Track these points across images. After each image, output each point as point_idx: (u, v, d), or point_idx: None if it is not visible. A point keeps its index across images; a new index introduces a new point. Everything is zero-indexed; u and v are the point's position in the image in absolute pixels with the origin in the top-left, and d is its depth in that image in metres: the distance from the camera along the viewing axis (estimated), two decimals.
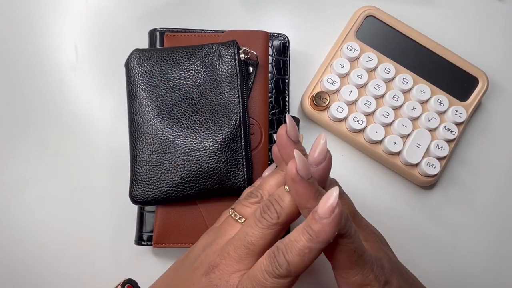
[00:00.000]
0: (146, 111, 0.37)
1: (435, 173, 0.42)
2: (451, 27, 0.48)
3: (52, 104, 0.44)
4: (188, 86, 0.37)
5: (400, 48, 0.45)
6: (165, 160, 0.36)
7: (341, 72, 0.43)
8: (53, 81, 0.45)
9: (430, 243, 0.44)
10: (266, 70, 0.40)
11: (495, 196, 0.45)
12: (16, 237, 0.42)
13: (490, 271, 0.44)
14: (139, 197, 0.36)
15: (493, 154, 0.46)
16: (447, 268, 0.44)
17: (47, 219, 0.42)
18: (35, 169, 0.43)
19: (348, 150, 0.45)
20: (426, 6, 0.49)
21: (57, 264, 0.42)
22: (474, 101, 0.44)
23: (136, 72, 0.38)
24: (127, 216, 0.41)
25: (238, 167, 0.36)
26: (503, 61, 0.48)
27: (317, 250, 0.25)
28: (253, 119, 0.39)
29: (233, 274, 0.27)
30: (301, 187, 0.26)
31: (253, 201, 0.30)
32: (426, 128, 0.43)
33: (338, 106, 0.43)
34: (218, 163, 0.36)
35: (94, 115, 0.44)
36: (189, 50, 0.38)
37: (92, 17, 0.46)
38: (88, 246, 0.42)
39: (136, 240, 0.40)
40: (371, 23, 0.45)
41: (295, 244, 0.25)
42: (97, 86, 0.45)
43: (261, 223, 0.27)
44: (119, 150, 0.43)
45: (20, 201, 0.42)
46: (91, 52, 0.46)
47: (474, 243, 0.44)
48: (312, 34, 0.47)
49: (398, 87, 0.44)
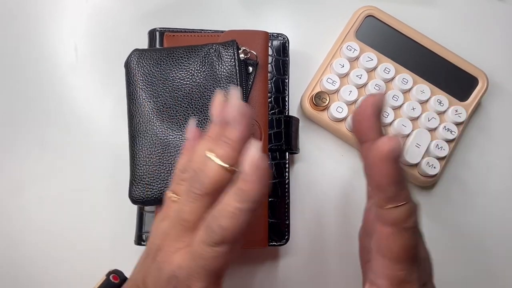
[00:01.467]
0: (146, 111, 0.37)
1: (435, 173, 0.42)
2: (451, 27, 0.48)
3: (52, 104, 0.44)
4: (187, 86, 0.37)
5: (400, 48, 0.45)
6: (165, 160, 0.36)
7: (341, 72, 0.43)
8: (53, 81, 0.45)
9: (429, 243, 0.44)
10: (265, 70, 0.40)
11: (495, 196, 0.45)
12: (16, 237, 0.42)
13: (490, 271, 0.44)
14: (138, 197, 0.36)
15: (493, 154, 0.46)
16: (447, 268, 0.44)
17: (47, 219, 0.42)
18: (35, 169, 0.43)
19: (348, 150, 0.45)
20: (426, 6, 0.49)
21: (56, 264, 0.42)
22: (474, 101, 0.44)
23: (136, 72, 0.38)
24: (127, 216, 0.41)
25: None
26: (503, 61, 0.48)
27: (248, 211, 0.24)
28: (252, 119, 0.39)
29: (174, 253, 0.26)
30: (391, 168, 0.24)
31: (185, 177, 0.28)
32: (426, 128, 0.43)
33: (337, 106, 0.43)
34: None
35: (94, 115, 0.44)
36: (188, 50, 0.38)
37: (92, 17, 0.46)
38: (88, 246, 0.42)
39: (136, 240, 0.40)
40: (371, 23, 0.45)
41: (226, 208, 0.24)
42: (97, 86, 0.45)
43: (190, 197, 0.26)
44: (119, 150, 0.43)
45: (20, 201, 0.43)
46: (91, 52, 0.46)
47: (474, 243, 0.44)
48: (312, 34, 0.47)
49: (398, 87, 0.44)
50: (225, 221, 0.24)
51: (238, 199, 0.24)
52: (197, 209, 0.26)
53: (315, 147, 0.44)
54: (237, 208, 0.24)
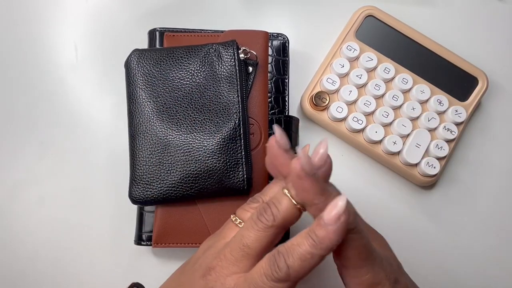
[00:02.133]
0: (146, 111, 0.37)
1: (434, 173, 0.42)
2: (451, 27, 0.48)
3: (52, 104, 0.44)
4: (187, 86, 0.37)
5: (400, 48, 0.45)
6: (165, 160, 0.36)
7: (341, 72, 0.43)
8: (53, 81, 0.45)
9: (430, 243, 0.44)
10: (265, 70, 0.40)
11: (495, 196, 0.45)
12: (16, 237, 0.42)
13: (490, 271, 0.44)
14: (138, 197, 0.36)
15: (493, 154, 0.46)
16: (447, 268, 0.44)
17: (47, 219, 0.42)
18: (35, 169, 0.43)
19: (348, 150, 0.45)
20: (426, 6, 0.49)
21: (56, 264, 0.42)
22: (474, 101, 0.44)
23: (136, 72, 0.38)
24: (127, 216, 0.41)
25: (237, 167, 0.36)
26: (503, 61, 0.48)
27: (318, 257, 0.24)
28: (252, 119, 0.39)
29: (228, 276, 0.26)
30: (307, 182, 0.25)
31: (254, 206, 0.29)
32: (426, 128, 0.43)
33: (337, 106, 0.43)
34: (217, 163, 0.36)
35: (94, 115, 0.44)
36: (188, 50, 0.38)
37: (92, 17, 0.46)
38: (87, 246, 0.42)
39: (136, 240, 0.40)
40: (371, 23, 0.45)
41: (297, 249, 0.24)
42: (97, 86, 0.45)
43: (257, 225, 0.27)
44: (119, 149, 0.43)
45: (20, 201, 0.43)
46: (91, 52, 0.46)
47: (474, 243, 0.44)
48: (312, 34, 0.47)
49: (398, 87, 0.44)
50: (293, 261, 0.24)
51: (312, 244, 0.24)
52: (262, 239, 0.26)
53: (315, 146, 0.44)
54: (309, 252, 0.24)
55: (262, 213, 0.27)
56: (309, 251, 0.24)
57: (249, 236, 0.26)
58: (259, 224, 0.26)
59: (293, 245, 0.25)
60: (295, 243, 0.25)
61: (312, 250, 0.24)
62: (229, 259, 0.27)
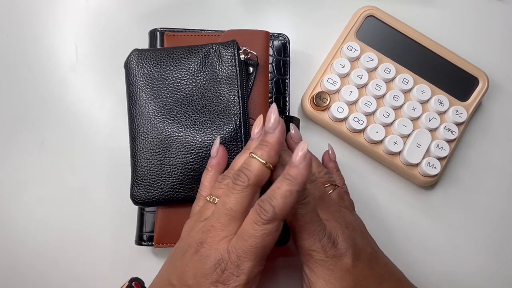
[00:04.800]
0: (146, 112, 0.37)
1: (435, 173, 0.42)
2: (451, 27, 0.48)
3: (52, 104, 0.44)
4: (188, 86, 0.37)
5: (401, 48, 0.45)
6: (166, 161, 0.36)
7: (342, 72, 0.43)
8: (53, 81, 0.45)
9: (430, 243, 0.44)
10: (266, 70, 0.40)
11: (495, 196, 0.45)
12: (16, 237, 0.42)
13: (490, 270, 0.44)
14: (140, 198, 0.36)
15: (493, 154, 0.46)
16: (447, 268, 0.44)
17: (47, 219, 0.42)
18: (35, 169, 0.43)
19: (348, 150, 0.45)
20: (426, 6, 0.49)
21: (57, 264, 0.42)
22: (475, 101, 0.44)
23: (136, 72, 0.38)
24: (127, 216, 0.41)
25: None
26: (503, 61, 0.48)
27: (296, 192, 0.28)
28: (253, 119, 0.39)
29: (220, 241, 0.29)
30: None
31: (226, 182, 0.32)
32: (427, 128, 0.43)
33: (338, 106, 0.43)
34: None
35: (94, 115, 0.44)
36: (188, 50, 0.38)
37: (92, 17, 0.46)
38: (88, 246, 0.42)
39: (137, 240, 0.40)
40: (372, 23, 0.45)
41: (278, 191, 0.28)
42: (97, 86, 0.45)
43: (235, 189, 0.29)
44: (119, 150, 0.43)
45: (20, 201, 0.42)
46: (91, 52, 0.45)
47: (474, 243, 0.44)
48: (313, 34, 0.47)
49: (399, 87, 0.44)
50: (277, 201, 0.28)
51: (289, 183, 0.28)
52: (243, 199, 0.29)
53: (315, 147, 0.44)
54: (288, 190, 0.28)
55: (237, 178, 0.30)
56: (288, 189, 0.28)
57: (230, 201, 0.29)
58: (236, 188, 0.30)
59: (273, 190, 0.28)
60: (274, 188, 0.28)
61: (290, 187, 0.28)
62: (217, 227, 0.29)
